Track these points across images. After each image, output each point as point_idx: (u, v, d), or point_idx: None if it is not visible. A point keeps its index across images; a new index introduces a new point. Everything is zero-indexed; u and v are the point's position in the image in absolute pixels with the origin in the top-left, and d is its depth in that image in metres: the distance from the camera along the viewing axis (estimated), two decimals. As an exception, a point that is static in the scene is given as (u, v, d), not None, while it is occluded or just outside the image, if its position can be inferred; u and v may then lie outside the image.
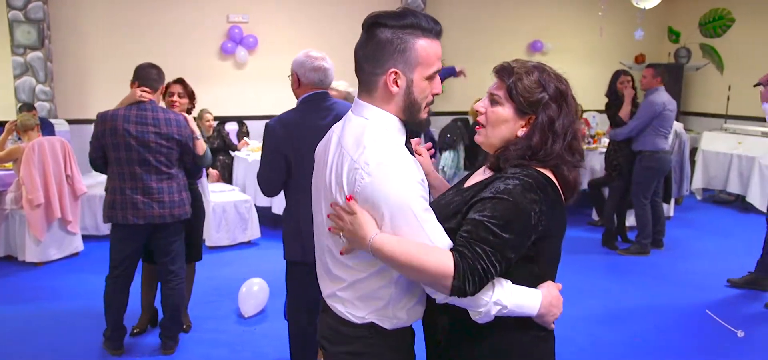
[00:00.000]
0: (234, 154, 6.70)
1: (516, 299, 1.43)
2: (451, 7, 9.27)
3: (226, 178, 6.61)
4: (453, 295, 1.36)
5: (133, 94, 3.26)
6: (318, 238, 1.65)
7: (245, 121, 8.10)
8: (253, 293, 4.12)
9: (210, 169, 6.33)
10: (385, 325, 1.53)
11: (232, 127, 7.80)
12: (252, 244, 5.79)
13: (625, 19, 9.61)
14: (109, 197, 3.31)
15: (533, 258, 1.49)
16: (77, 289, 4.56)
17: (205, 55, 8.01)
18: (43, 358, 3.55)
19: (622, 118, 5.36)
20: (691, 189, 7.58)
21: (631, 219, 5.78)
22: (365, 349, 1.55)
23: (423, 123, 1.54)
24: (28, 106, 6.12)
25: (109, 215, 3.30)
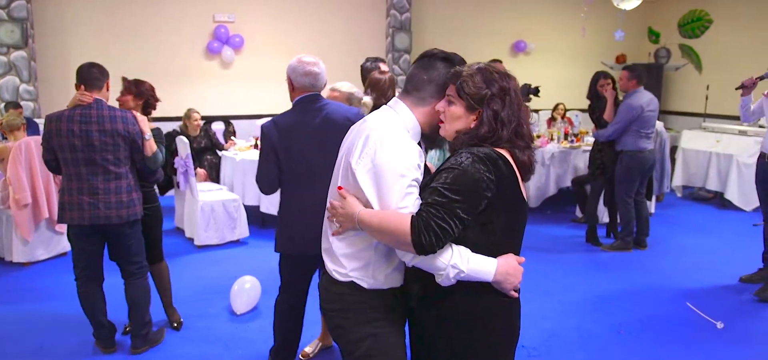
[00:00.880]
0: (221, 153, 6.69)
1: (472, 265, 1.67)
2: (434, 8, 9.34)
3: (214, 177, 6.61)
4: (416, 251, 1.61)
5: (75, 98, 3.24)
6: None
7: (232, 121, 8.10)
8: (245, 290, 4.15)
9: (198, 168, 6.33)
10: (364, 284, 1.82)
11: (218, 127, 7.78)
12: (241, 243, 5.81)
13: (606, 19, 9.78)
14: (60, 198, 3.32)
15: (486, 225, 1.70)
16: (65, 289, 4.53)
17: (191, 55, 7.99)
18: (31, 358, 3.55)
19: (606, 120, 5.40)
20: (671, 186, 7.74)
21: None
22: (349, 305, 1.85)
23: (441, 140, 1.87)
24: (13, 105, 6.08)
25: (61, 216, 3.30)
